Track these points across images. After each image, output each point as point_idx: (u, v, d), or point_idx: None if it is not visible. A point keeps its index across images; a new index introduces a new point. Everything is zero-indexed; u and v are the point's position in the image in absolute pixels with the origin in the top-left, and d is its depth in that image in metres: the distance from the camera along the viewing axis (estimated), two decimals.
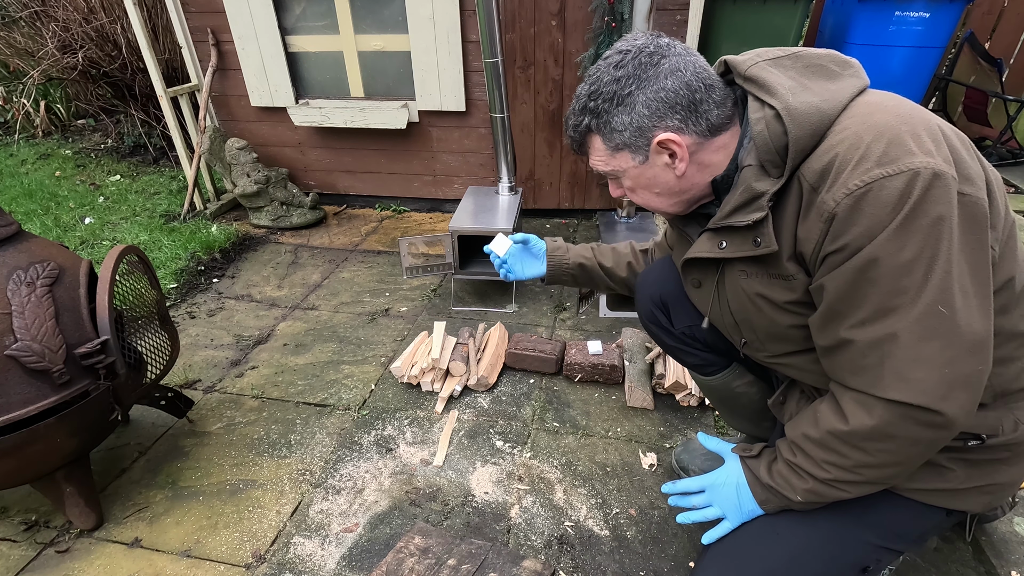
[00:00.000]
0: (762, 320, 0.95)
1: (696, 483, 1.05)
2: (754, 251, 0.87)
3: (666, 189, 0.94)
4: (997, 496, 0.94)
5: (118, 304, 1.43)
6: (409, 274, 2.67)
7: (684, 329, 1.26)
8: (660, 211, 1.00)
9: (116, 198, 3.63)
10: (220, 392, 1.96)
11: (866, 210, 0.73)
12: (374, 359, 2.11)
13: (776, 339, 0.97)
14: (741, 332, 1.03)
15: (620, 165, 0.94)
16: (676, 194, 0.95)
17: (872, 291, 0.76)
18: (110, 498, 1.55)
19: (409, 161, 3.29)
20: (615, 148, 0.92)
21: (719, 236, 0.93)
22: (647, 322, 1.34)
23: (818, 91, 0.81)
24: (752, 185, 0.84)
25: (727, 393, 1.30)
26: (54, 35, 3.99)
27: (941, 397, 0.75)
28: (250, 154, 3.19)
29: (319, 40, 3.03)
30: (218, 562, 1.37)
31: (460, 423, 1.79)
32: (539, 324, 2.31)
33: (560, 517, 1.47)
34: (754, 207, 0.84)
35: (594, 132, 0.92)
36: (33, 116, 4.74)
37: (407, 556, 1.27)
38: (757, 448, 1.01)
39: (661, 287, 1.27)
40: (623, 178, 0.96)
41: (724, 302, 1.01)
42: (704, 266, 1.02)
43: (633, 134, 0.88)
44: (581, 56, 2.69)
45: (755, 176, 0.84)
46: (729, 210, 0.88)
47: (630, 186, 0.97)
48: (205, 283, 2.68)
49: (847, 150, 0.76)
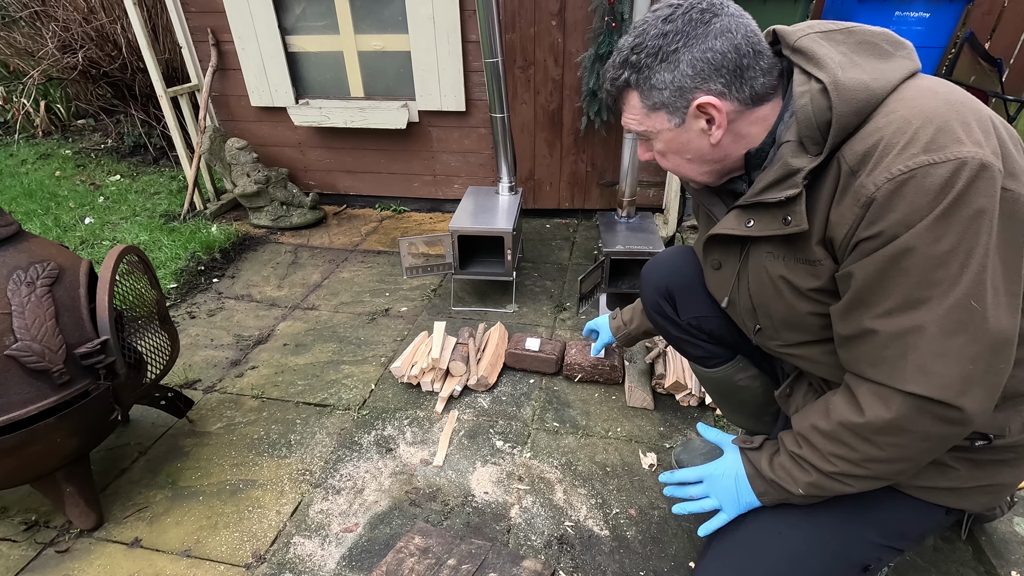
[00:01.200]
0: (781, 306, 0.92)
1: (694, 473, 1.04)
2: (783, 230, 0.84)
3: (698, 156, 0.90)
4: (997, 496, 0.93)
5: (118, 304, 1.43)
6: (409, 274, 2.67)
7: (691, 320, 1.25)
8: (689, 179, 0.96)
9: (116, 198, 3.63)
10: (220, 392, 1.96)
11: (907, 197, 0.71)
12: (374, 359, 2.11)
13: (792, 327, 0.95)
14: (757, 318, 1.00)
15: (654, 126, 0.89)
16: (708, 162, 0.91)
17: (903, 281, 0.74)
18: (110, 498, 1.55)
19: (409, 161, 3.29)
20: (652, 107, 0.87)
21: (748, 214, 0.89)
22: (652, 312, 1.33)
23: (868, 69, 0.78)
24: (789, 161, 0.81)
25: (729, 386, 1.29)
26: (54, 35, 3.99)
27: (961, 393, 0.74)
28: (250, 154, 3.19)
29: (319, 40, 3.03)
30: (218, 562, 1.37)
31: (460, 423, 1.79)
32: (539, 324, 2.31)
33: (560, 517, 1.47)
34: (788, 184, 0.81)
35: (632, 88, 0.88)
36: (33, 116, 4.73)
37: (407, 556, 1.27)
38: (758, 440, 0.99)
39: (667, 277, 1.27)
40: (655, 140, 0.92)
41: (744, 285, 0.98)
42: (727, 246, 0.99)
43: (673, 94, 0.84)
44: (581, 56, 2.69)
45: (793, 152, 0.81)
46: (762, 186, 0.84)
47: (661, 149, 0.93)
48: (205, 283, 2.68)
49: (893, 133, 0.73)
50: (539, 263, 2.79)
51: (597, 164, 3.07)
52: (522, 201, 2.61)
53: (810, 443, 0.89)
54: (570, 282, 2.61)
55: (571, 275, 2.67)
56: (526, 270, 2.73)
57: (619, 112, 0.94)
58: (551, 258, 2.85)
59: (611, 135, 2.93)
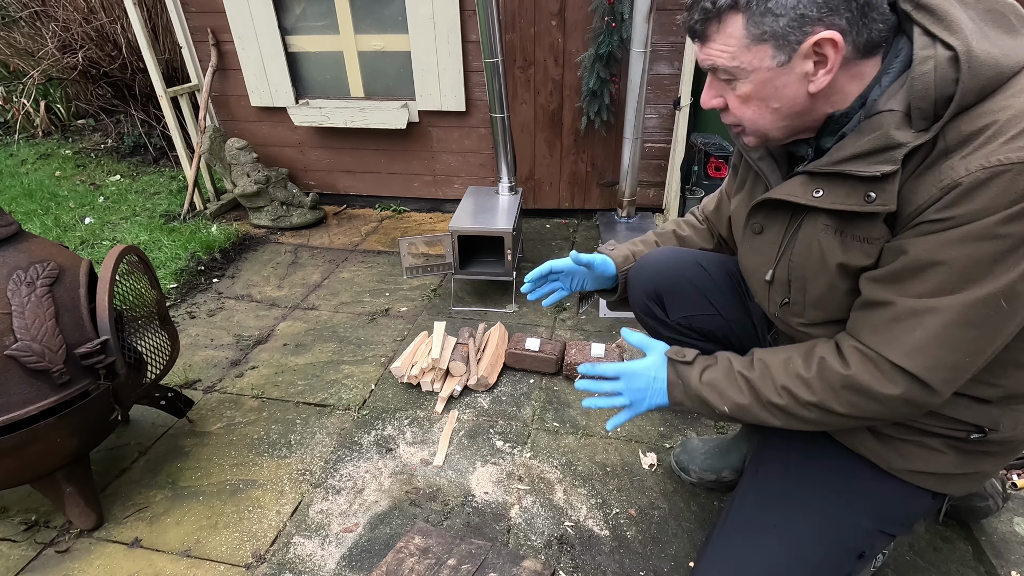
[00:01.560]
0: (821, 282, 0.87)
1: (613, 369, 1.04)
2: (862, 206, 0.76)
3: (788, 106, 0.79)
4: (976, 483, 0.96)
5: (118, 304, 1.43)
6: (409, 274, 2.67)
7: (680, 319, 1.24)
8: (761, 132, 0.85)
9: (116, 198, 3.63)
10: (220, 392, 1.96)
11: (992, 190, 0.66)
12: (374, 359, 2.11)
13: (822, 306, 0.90)
14: (788, 292, 0.93)
15: (751, 62, 0.76)
16: (794, 116, 0.80)
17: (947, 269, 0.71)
18: (110, 498, 1.55)
19: (409, 161, 3.29)
20: (757, 38, 0.73)
21: (817, 182, 0.81)
22: (641, 315, 1.32)
23: (998, 43, 0.70)
24: (892, 133, 0.72)
25: None
26: (54, 35, 4.00)
27: (945, 381, 0.75)
28: (250, 154, 3.19)
29: (319, 40, 3.03)
30: (218, 562, 1.37)
31: (460, 423, 1.79)
32: (539, 324, 2.31)
33: (560, 517, 1.47)
34: (885, 158, 0.73)
35: (739, 10, 0.73)
36: (33, 116, 4.73)
37: (407, 556, 1.27)
38: (691, 354, 0.99)
39: (654, 279, 1.25)
40: (742, 81, 0.78)
41: (787, 255, 0.91)
42: (777, 211, 0.91)
43: (791, 23, 0.71)
44: (581, 56, 2.69)
45: (898, 123, 0.72)
46: (847, 155, 0.76)
47: (746, 93, 0.79)
48: (205, 283, 2.68)
49: (1008, 121, 0.67)
50: (539, 263, 2.78)
51: (597, 164, 3.07)
52: (522, 201, 2.61)
53: (769, 371, 0.89)
54: None
55: None
56: (526, 270, 2.72)
57: (705, 40, 0.79)
58: (551, 258, 2.84)
59: (611, 135, 2.93)
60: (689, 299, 1.22)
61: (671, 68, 2.74)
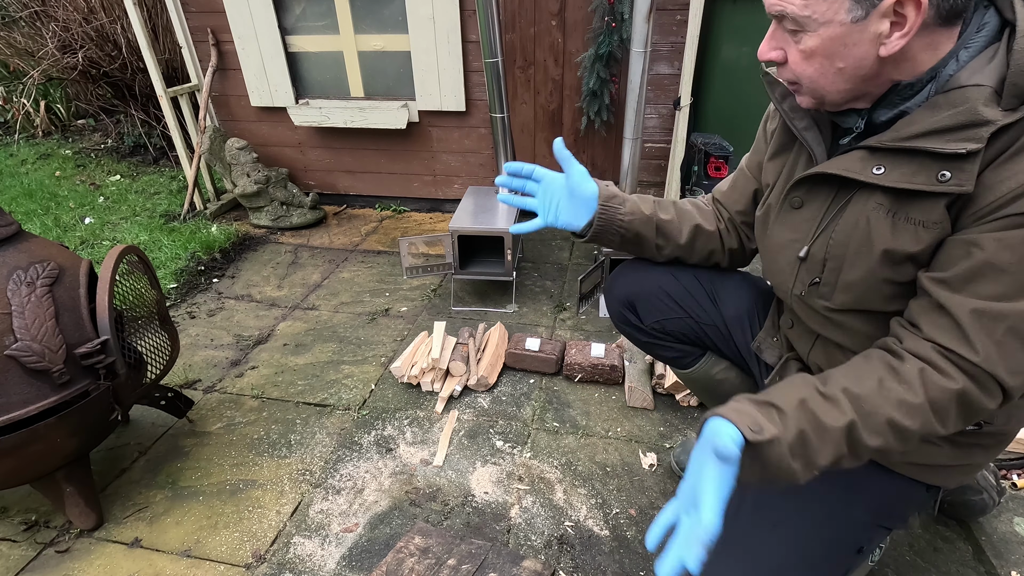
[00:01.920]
0: (861, 264, 0.82)
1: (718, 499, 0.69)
2: (932, 186, 0.72)
3: (854, 67, 0.74)
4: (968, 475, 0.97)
5: (118, 304, 1.43)
6: (409, 274, 2.67)
7: (654, 324, 1.26)
8: (820, 94, 0.79)
9: (116, 198, 3.63)
10: (220, 392, 1.96)
11: None
12: (374, 359, 2.11)
13: (853, 291, 0.85)
14: (821, 271, 0.88)
15: (824, 13, 0.71)
16: (858, 79, 0.75)
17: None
18: (110, 498, 1.55)
19: (409, 161, 3.29)
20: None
21: (879, 158, 0.77)
22: (619, 323, 1.34)
23: None
24: (979, 108, 0.68)
25: (709, 381, 1.32)
26: (54, 35, 3.99)
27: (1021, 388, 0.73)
28: (250, 154, 3.19)
29: (319, 40, 3.03)
30: (218, 562, 1.37)
31: (460, 423, 1.79)
32: (539, 324, 2.31)
33: (560, 517, 1.47)
34: (969, 135, 0.69)
35: None
36: (33, 116, 4.73)
37: (407, 556, 1.27)
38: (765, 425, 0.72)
39: (627, 287, 1.27)
40: (809, 34, 0.73)
41: (828, 233, 0.86)
42: (821, 186, 0.86)
43: None
44: (581, 56, 2.69)
45: (986, 99, 0.68)
46: (921, 130, 0.72)
47: (812, 47, 0.74)
48: (205, 283, 2.68)
49: None
50: (539, 263, 2.80)
51: (597, 164, 3.07)
52: None
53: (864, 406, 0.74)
54: (570, 282, 2.61)
55: (571, 275, 2.67)
56: (526, 270, 2.73)
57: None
58: (551, 258, 2.85)
59: (611, 135, 2.93)
60: (660, 304, 1.23)
61: (671, 68, 2.74)
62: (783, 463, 0.72)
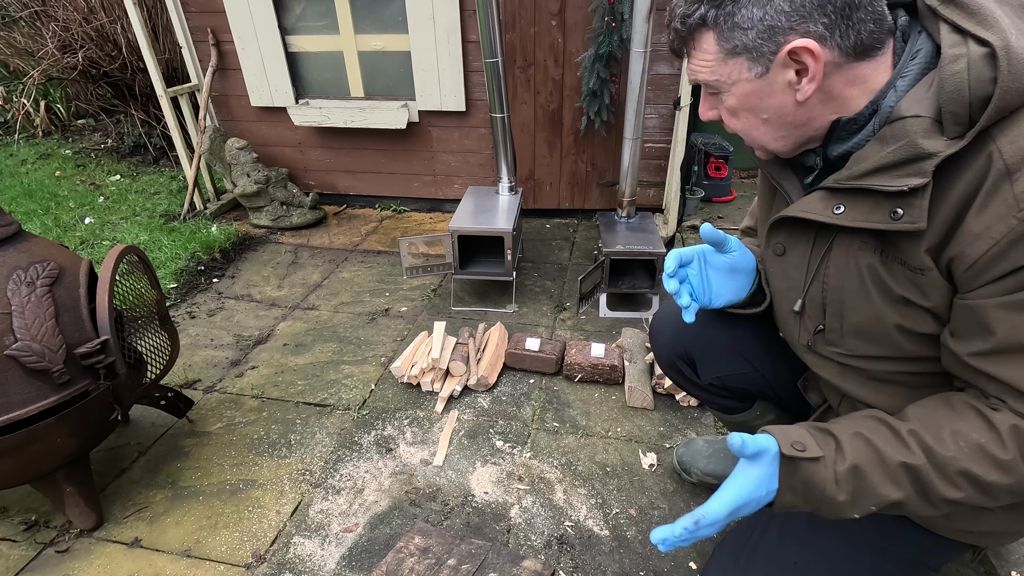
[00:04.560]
0: (864, 310, 0.78)
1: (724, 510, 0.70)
2: (888, 224, 0.69)
3: (777, 116, 0.75)
4: (1018, 537, 0.89)
5: (118, 304, 1.43)
6: (409, 274, 2.67)
7: (712, 380, 1.17)
8: (760, 144, 0.82)
9: (116, 198, 3.63)
10: (220, 392, 1.96)
11: None
12: (374, 359, 2.11)
13: (864, 336, 0.81)
14: (823, 317, 0.84)
15: (730, 75, 0.74)
16: (787, 126, 0.77)
17: None
18: (110, 498, 1.55)
19: (409, 161, 3.29)
20: (730, 52, 0.72)
21: (838, 198, 0.75)
22: (668, 370, 1.24)
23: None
24: (919, 142, 0.65)
25: (744, 426, 1.23)
26: (54, 35, 3.99)
27: None
28: (250, 154, 3.19)
29: (319, 40, 3.03)
30: (218, 562, 1.37)
31: (460, 423, 1.79)
32: (539, 324, 2.31)
33: (560, 517, 1.47)
34: (913, 170, 0.66)
35: (708, 27, 0.72)
36: (33, 116, 4.74)
37: (407, 556, 1.27)
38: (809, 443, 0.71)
39: (684, 337, 1.16)
40: (727, 94, 0.77)
41: (820, 278, 0.83)
42: (798, 229, 0.84)
43: (760, 35, 0.69)
44: (581, 56, 2.69)
45: (925, 131, 0.65)
46: (869, 168, 0.70)
47: (732, 106, 0.78)
48: (205, 283, 2.68)
49: None
50: (539, 263, 2.80)
51: (597, 164, 3.07)
52: (522, 201, 2.61)
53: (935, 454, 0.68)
54: (570, 282, 2.61)
55: (571, 275, 2.67)
56: (526, 270, 2.73)
57: (687, 56, 0.78)
58: (551, 258, 2.85)
59: (611, 135, 2.93)
60: (722, 357, 1.13)
61: (671, 68, 2.74)
62: (827, 490, 0.69)
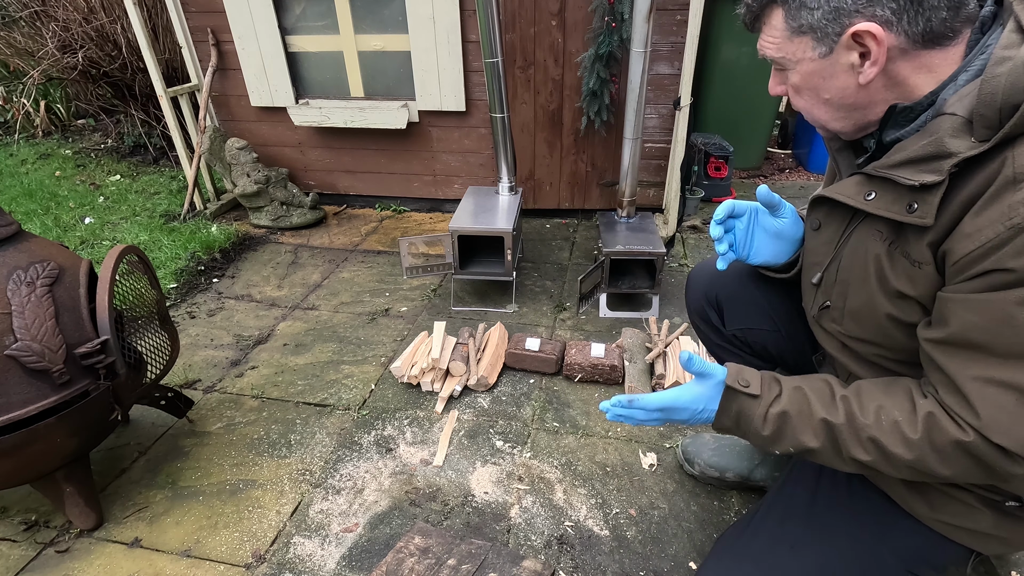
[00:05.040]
0: (861, 294, 0.82)
1: (655, 402, 0.88)
2: (903, 216, 0.71)
3: (838, 97, 0.76)
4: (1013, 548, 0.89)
5: (118, 304, 1.43)
6: (409, 274, 2.67)
7: (736, 331, 1.20)
8: (821, 124, 0.83)
9: (116, 198, 3.63)
10: (220, 392, 1.96)
11: None
12: (374, 359, 2.11)
13: (859, 321, 0.85)
14: (831, 295, 0.89)
15: (795, 53, 0.76)
16: (847, 108, 0.77)
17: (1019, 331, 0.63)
18: (110, 498, 1.55)
19: (409, 161, 3.29)
20: (797, 30, 0.74)
21: (870, 184, 0.77)
22: (696, 318, 1.28)
23: None
24: (945, 140, 0.66)
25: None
26: (54, 35, 3.99)
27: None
28: (250, 154, 3.19)
29: (319, 40, 3.03)
30: (218, 562, 1.37)
31: (460, 423, 1.79)
32: (539, 324, 2.31)
33: (560, 517, 1.47)
34: (932, 167, 0.67)
35: (778, 4, 0.74)
36: (33, 116, 4.74)
37: (407, 556, 1.27)
38: (755, 382, 0.84)
39: (717, 285, 1.20)
40: (792, 71, 0.78)
41: (838, 259, 0.87)
42: (836, 210, 0.87)
43: (826, 16, 0.70)
44: (581, 56, 2.69)
45: (954, 130, 0.66)
46: (900, 160, 0.72)
47: (796, 84, 0.79)
48: (205, 283, 2.68)
49: None
50: (539, 263, 2.80)
51: (597, 164, 3.07)
52: (522, 201, 2.61)
53: (855, 419, 0.76)
54: (570, 282, 2.61)
55: (571, 275, 2.67)
56: (526, 270, 2.73)
57: (758, 31, 0.80)
58: (551, 258, 2.85)
59: (611, 135, 2.93)
60: (750, 311, 1.16)
61: (671, 68, 2.74)
62: (754, 423, 0.83)
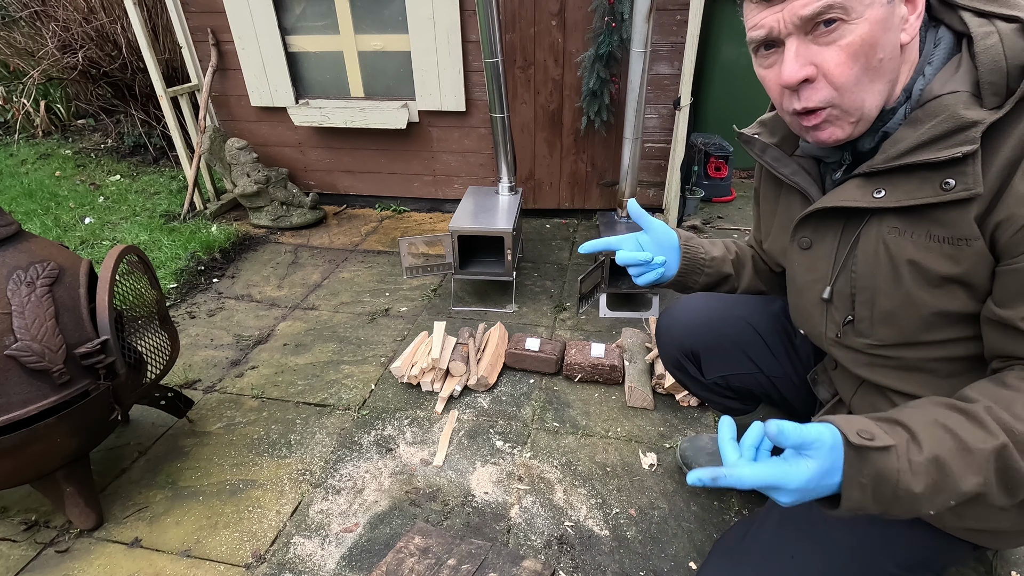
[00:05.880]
0: (896, 296, 0.78)
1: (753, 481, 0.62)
2: (939, 196, 0.69)
3: (889, 58, 0.70)
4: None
5: (118, 304, 1.43)
6: (409, 274, 2.67)
7: (716, 379, 1.18)
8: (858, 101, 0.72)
9: (116, 198, 3.63)
10: (220, 392, 1.96)
11: None
12: (374, 359, 2.11)
13: (895, 323, 0.80)
14: (852, 307, 0.84)
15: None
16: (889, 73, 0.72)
17: None
18: (110, 498, 1.55)
19: (409, 161, 3.29)
20: None
21: (875, 182, 0.76)
22: (672, 369, 1.26)
23: None
24: (960, 112, 0.67)
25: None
26: (54, 35, 3.99)
27: None
28: (250, 154, 3.19)
29: (319, 40, 3.03)
30: (218, 562, 1.37)
31: (460, 423, 1.79)
32: (539, 324, 2.31)
33: (560, 517, 1.47)
34: (959, 139, 0.67)
35: None
36: (33, 116, 4.73)
37: (407, 556, 1.27)
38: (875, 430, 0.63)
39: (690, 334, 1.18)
40: (855, 22, 0.67)
41: (849, 268, 0.82)
42: (826, 222, 0.84)
43: None
44: (581, 56, 2.69)
45: (965, 103, 0.68)
46: (909, 146, 0.71)
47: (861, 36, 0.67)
48: (205, 283, 2.68)
49: None
50: (539, 263, 2.80)
51: (597, 164, 3.07)
52: (522, 201, 2.61)
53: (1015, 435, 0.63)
54: (570, 282, 2.61)
55: (571, 275, 2.67)
56: (526, 270, 2.73)
57: None
58: (551, 258, 2.85)
59: (611, 135, 2.93)
60: (728, 357, 1.14)
61: (671, 68, 2.74)
62: (902, 481, 0.61)
